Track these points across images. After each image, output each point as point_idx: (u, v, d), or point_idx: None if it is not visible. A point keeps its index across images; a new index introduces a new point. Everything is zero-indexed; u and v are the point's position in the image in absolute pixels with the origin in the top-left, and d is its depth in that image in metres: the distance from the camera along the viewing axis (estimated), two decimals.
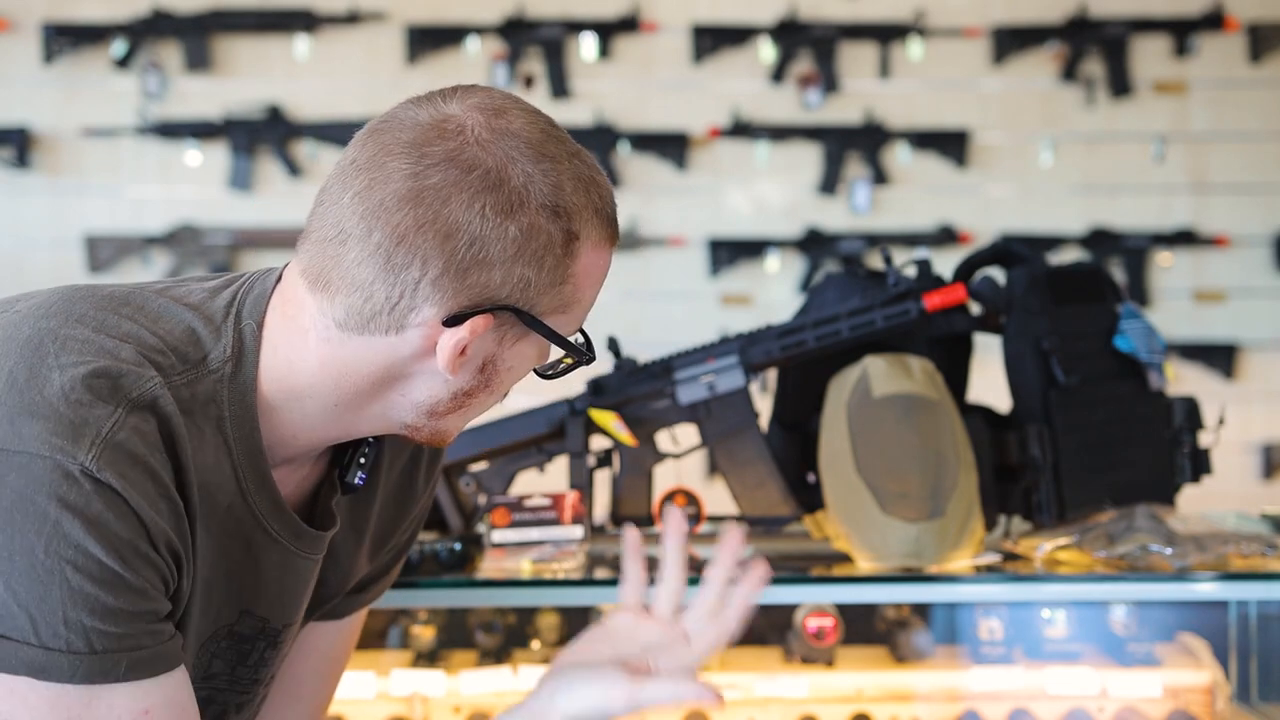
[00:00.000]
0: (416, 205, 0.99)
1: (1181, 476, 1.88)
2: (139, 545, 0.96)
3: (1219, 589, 1.70)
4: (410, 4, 4.20)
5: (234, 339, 1.06)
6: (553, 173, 1.03)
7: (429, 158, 1.00)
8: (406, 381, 1.07)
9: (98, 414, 0.95)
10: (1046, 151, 4.24)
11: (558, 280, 1.04)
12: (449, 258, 1.00)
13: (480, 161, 1.00)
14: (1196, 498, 1.92)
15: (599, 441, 1.85)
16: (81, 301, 1.05)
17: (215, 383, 1.04)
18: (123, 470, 0.95)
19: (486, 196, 1.00)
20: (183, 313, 1.06)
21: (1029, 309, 1.85)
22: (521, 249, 1.01)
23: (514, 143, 1.02)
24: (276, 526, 1.10)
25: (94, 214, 4.18)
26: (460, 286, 1.01)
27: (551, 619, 2.01)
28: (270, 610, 1.15)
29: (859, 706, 1.96)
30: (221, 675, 1.14)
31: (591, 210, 1.06)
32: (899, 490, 1.67)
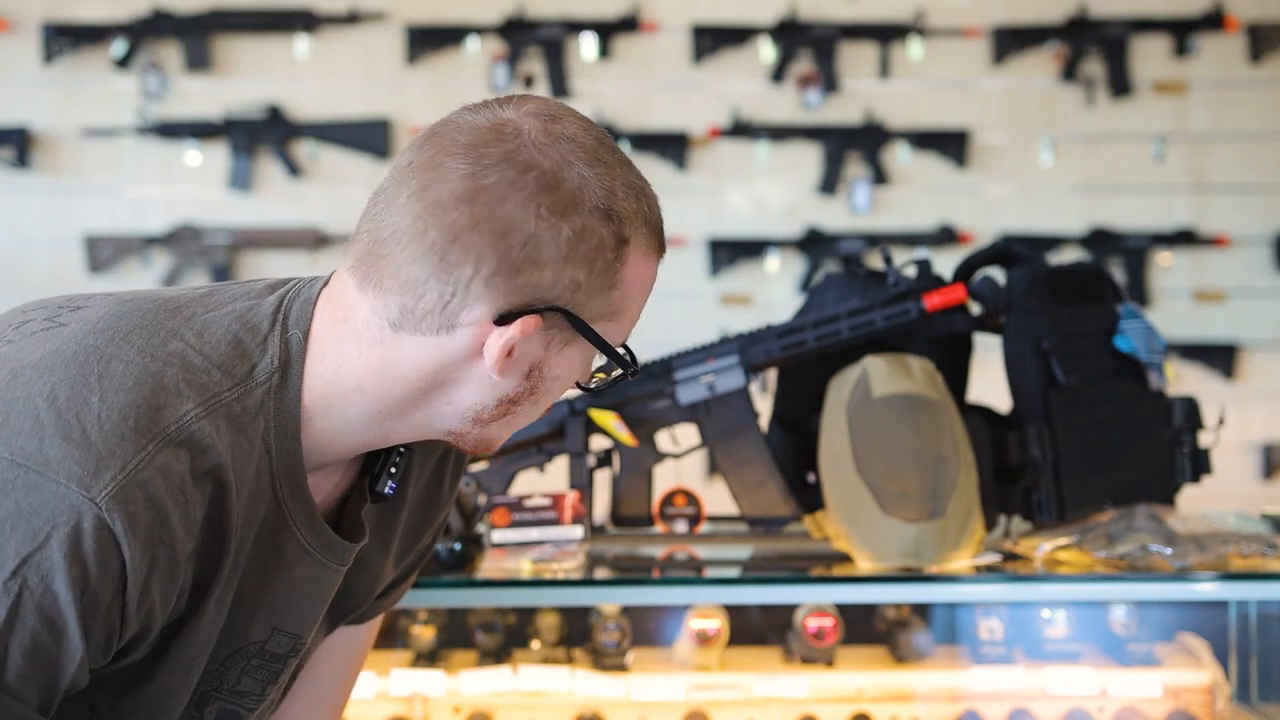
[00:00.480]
0: (473, 204, 1.00)
1: (1181, 476, 1.88)
2: (101, 598, 0.94)
3: (1219, 589, 1.70)
4: (410, 4, 4.19)
5: (280, 349, 1.05)
6: (606, 177, 1.03)
7: (486, 158, 1.00)
8: (454, 387, 1.06)
9: (126, 449, 0.95)
10: (1046, 151, 4.24)
11: (607, 285, 1.04)
12: (502, 256, 1.00)
13: (536, 163, 1.01)
14: (1196, 498, 1.92)
15: (599, 441, 1.85)
16: (129, 317, 1.04)
17: (263, 395, 1.04)
18: (133, 512, 0.93)
19: (542, 197, 1.00)
20: (230, 324, 1.06)
21: (1029, 309, 1.85)
22: (574, 250, 1.02)
23: (570, 147, 1.02)
24: (310, 539, 1.09)
25: (94, 214, 4.18)
26: (512, 285, 1.01)
27: (551, 619, 2.01)
28: (300, 625, 1.14)
29: (859, 706, 1.96)
30: (253, 694, 1.14)
31: (641, 218, 1.06)
32: (899, 490, 1.67)
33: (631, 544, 1.90)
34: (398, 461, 1.16)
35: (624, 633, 1.96)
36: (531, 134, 1.02)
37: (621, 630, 1.96)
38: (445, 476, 1.28)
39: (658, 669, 1.99)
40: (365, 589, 1.26)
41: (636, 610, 2.01)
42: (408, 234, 1.01)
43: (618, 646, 1.96)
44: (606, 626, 1.96)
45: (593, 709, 1.94)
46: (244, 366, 1.04)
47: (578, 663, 1.98)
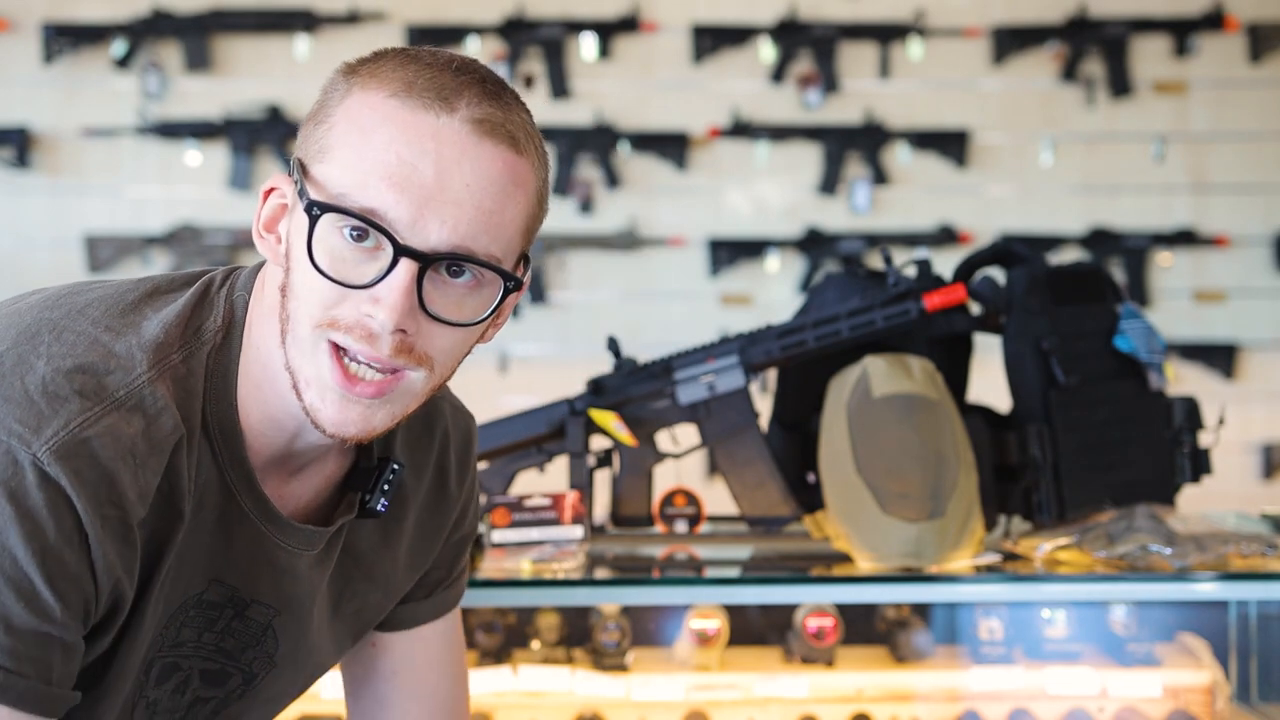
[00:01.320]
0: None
1: (1181, 476, 1.88)
2: (65, 557, 0.93)
3: (1219, 589, 1.70)
4: (410, 4, 4.19)
5: (226, 310, 1.07)
6: (393, 58, 1.03)
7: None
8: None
9: (70, 408, 0.95)
10: (1046, 151, 4.24)
11: (320, 119, 1.02)
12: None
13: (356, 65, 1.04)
14: (1196, 498, 1.92)
15: (599, 441, 1.85)
16: (87, 293, 1.05)
17: (207, 354, 1.05)
18: (78, 468, 0.93)
19: (335, 81, 1.04)
20: (188, 295, 1.07)
21: (1029, 309, 1.85)
22: (313, 107, 1.04)
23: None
24: (249, 503, 1.08)
25: (94, 214, 4.18)
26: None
27: (551, 619, 2.01)
28: (239, 580, 1.11)
29: (859, 706, 1.96)
30: (189, 642, 1.12)
31: (390, 68, 1.01)
32: (899, 490, 1.67)
33: (631, 544, 1.90)
34: (391, 479, 1.15)
35: (624, 633, 1.96)
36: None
37: (621, 630, 1.96)
38: (450, 471, 1.26)
39: (658, 669, 1.99)
40: (380, 600, 1.24)
41: (636, 610, 2.01)
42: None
43: (618, 646, 1.96)
44: (606, 626, 1.96)
45: (593, 709, 1.94)
46: (193, 327, 1.05)
47: (578, 663, 1.98)
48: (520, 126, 1.02)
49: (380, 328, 0.98)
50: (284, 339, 1.02)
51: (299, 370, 1.01)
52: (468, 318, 1.02)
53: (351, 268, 0.98)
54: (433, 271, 0.99)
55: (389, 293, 0.97)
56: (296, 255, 1.00)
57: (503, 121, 1.00)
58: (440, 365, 1.03)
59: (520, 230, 1.03)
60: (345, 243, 0.98)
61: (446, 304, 1.00)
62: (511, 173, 1.01)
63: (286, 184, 1.04)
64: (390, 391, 1.01)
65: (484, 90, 1.01)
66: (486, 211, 0.99)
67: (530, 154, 1.03)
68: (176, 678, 1.13)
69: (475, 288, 1.02)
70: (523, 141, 1.02)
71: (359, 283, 0.98)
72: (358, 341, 0.99)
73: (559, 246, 4.17)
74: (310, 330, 1.00)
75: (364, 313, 0.98)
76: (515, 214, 1.02)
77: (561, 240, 4.17)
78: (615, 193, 4.20)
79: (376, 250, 0.98)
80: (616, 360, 1.86)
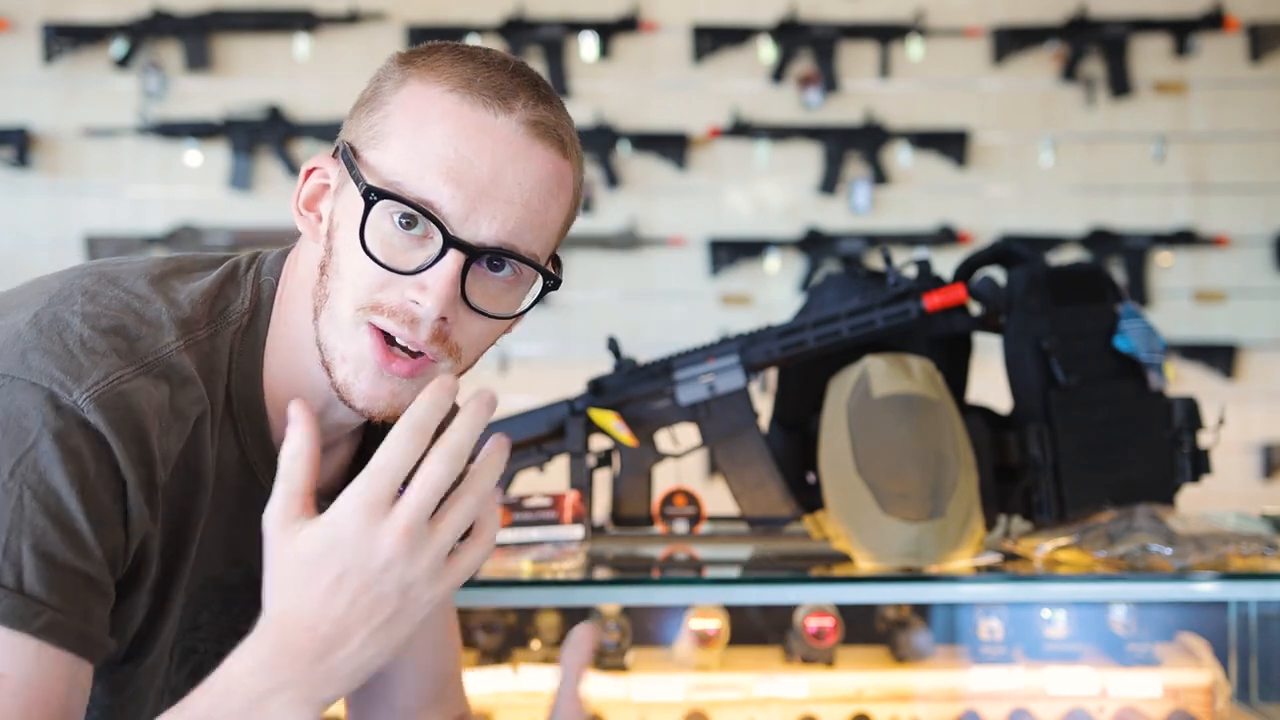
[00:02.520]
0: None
1: (1181, 476, 1.88)
2: (103, 499, 0.94)
3: (1219, 589, 1.70)
4: (410, 4, 4.19)
5: (253, 292, 1.09)
6: (450, 54, 1.05)
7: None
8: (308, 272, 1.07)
9: (109, 362, 0.97)
10: (1046, 151, 4.24)
11: (373, 108, 1.05)
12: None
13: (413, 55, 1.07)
14: (1196, 498, 1.92)
15: (599, 441, 1.85)
16: (114, 267, 1.08)
17: (232, 335, 1.06)
18: (115, 420, 0.94)
19: (391, 66, 1.06)
20: (216, 274, 1.10)
21: (1029, 309, 1.85)
22: (365, 94, 1.06)
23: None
24: (270, 481, 1.09)
25: (94, 214, 4.18)
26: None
27: (551, 619, 2.01)
28: (255, 558, 1.10)
29: (859, 706, 1.96)
30: (206, 625, 1.13)
31: (448, 63, 1.03)
32: (899, 490, 1.67)
33: (631, 544, 1.90)
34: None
35: (624, 633, 1.96)
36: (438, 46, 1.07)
37: (621, 630, 1.96)
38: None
39: (658, 669, 1.99)
40: None
41: (636, 610, 2.01)
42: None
43: (618, 646, 1.96)
44: (606, 626, 1.96)
45: (593, 709, 1.94)
46: (219, 307, 1.07)
47: None
48: (568, 130, 1.07)
49: (425, 314, 1.00)
50: (317, 315, 1.04)
51: (333, 347, 1.03)
52: (504, 310, 1.05)
53: (400, 254, 1.01)
54: (476, 264, 1.02)
55: (435, 281, 1.00)
56: (343, 236, 1.03)
57: (554, 125, 1.04)
58: (467, 356, 1.06)
59: (559, 230, 1.08)
60: (395, 229, 1.01)
61: (486, 296, 1.04)
62: (558, 174, 1.05)
63: (330, 164, 1.07)
64: (421, 374, 1.03)
65: (537, 94, 1.04)
66: (534, 211, 1.03)
67: (574, 157, 1.08)
68: (192, 661, 1.14)
69: (514, 283, 1.05)
70: (569, 145, 1.06)
71: (406, 269, 1.00)
72: (400, 325, 1.01)
73: (559, 246, 4.17)
74: (352, 312, 1.02)
75: (409, 298, 1.01)
76: (557, 214, 1.06)
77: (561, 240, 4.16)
78: (615, 193, 4.20)
79: (425, 239, 1.01)
80: (616, 360, 1.86)
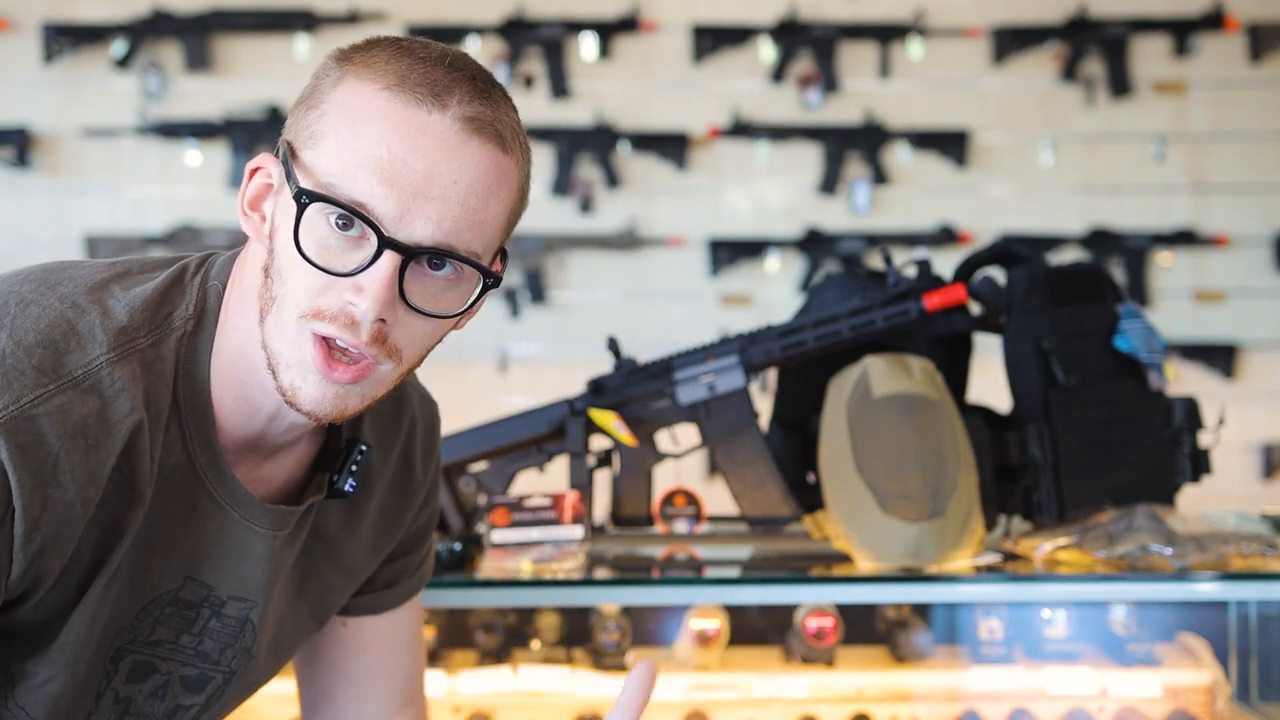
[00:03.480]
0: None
1: (1181, 476, 1.88)
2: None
3: (1219, 589, 1.70)
4: (410, 4, 4.20)
5: (198, 297, 1.08)
6: (387, 48, 1.04)
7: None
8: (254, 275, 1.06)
9: (24, 384, 0.96)
10: (1046, 151, 4.24)
11: (312, 104, 1.03)
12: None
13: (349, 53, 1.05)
14: (1196, 498, 1.92)
15: (599, 441, 1.85)
16: (61, 271, 1.06)
17: (176, 341, 1.05)
18: (22, 444, 0.94)
19: (328, 67, 1.05)
20: (160, 278, 1.08)
21: (1029, 309, 1.85)
22: (305, 91, 1.05)
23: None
24: (220, 490, 1.09)
25: (94, 214, 4.18)
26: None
27: (551, 619, 2.01)
28: (214, 578, 1.12)
29: (859, 706, 1.96)
30: (166, 642, 1.12)
31: (383, 60, 1.02)
32: (899, 490, 1.67)
33: (631, 544, 1.90)
34: (359, 459, 1.16)
35: (624, 633, 1.96)
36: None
37: (621, 630, 1.96)
38: (415, 455, 1.28)
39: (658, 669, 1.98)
40: (342, 583, 1.26)
41: (636, 610, 2.01)
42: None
43: (618, 646, 1.96)
44: (606, 626, 1.96)
45: (593, 709, 1.94)
46: (163, 313, 1.06)
47: (578, 663, 1.98)
48: (507, 125, 1.04)
49: (362, 316, 1.00)
50: (263, 319, 1.03)
51: (278, 352, 1.03)
52: (445, 310, 1.04)
53: (336, 255, 1.00)
54: (414, 264, 1.01)
55: (372, 283, 0.99)
56: (282, 240, 1.01)
57: (492, 120, 1.02)
58: (409, 356, 1.06)
59: (501, 226, 1.05)
60: (331, 230, 1.00)
61: (425, 296, 1.03)
62: (498, 171, 1.03)
63: (273, 164, 1.05)
64: (364, 378, 1.04)
65: (475, 88, 1.02)
66: (471, 209, 1.01)
67: (515, 151, 1.05)
68: (154, 680, 1.13)
69: (454, 281, 1.04)
70: (509, 139, 1.04)
71: (343, 270, 1.00)
72: (341, 329, 1.00)
73: (559, 246, 4.17)
74: (295, 319, 1.01)
75: (346, 300, 1.00)
76: (498, 211, 1.04)
77: (561, 240, 4.17)
78: (615, 193, 4.20)
79: (361, 240, 1.00)
80: (616, 360, 1.86)
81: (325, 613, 1.27)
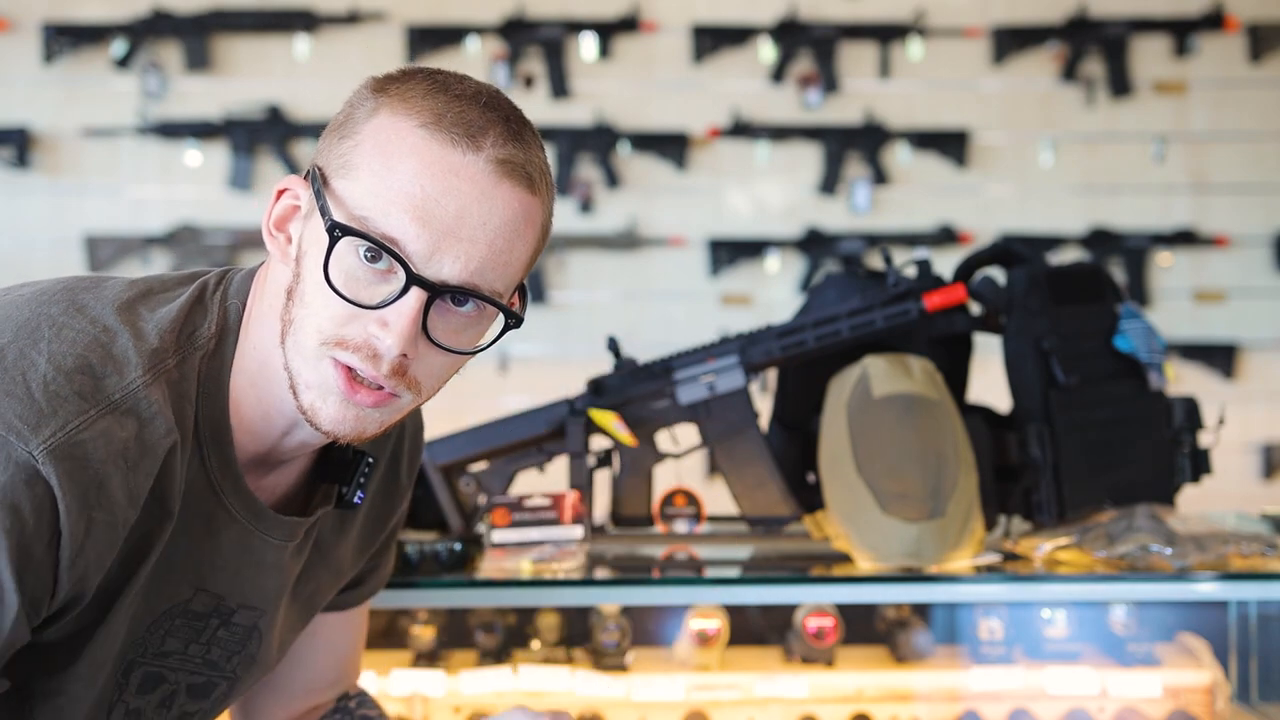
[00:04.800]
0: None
1: (1181, 476, 1.88)
2: (35, 551, 0.94)
3: (1219, 589, 1.70)
4: (410, 4, 4.19)
5: (219, 316, 1.09)
6: (425, 85, 1.05)
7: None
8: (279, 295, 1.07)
9: (69, 409, 0.96)
10: (1046, 151, 4.24)
11: (343, 135, 1.04)
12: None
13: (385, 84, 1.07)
14: (1196, 498, 1.92)
15: (599, 441, 1.85)
16: (85, 292, 1.06)
17: (199, 360, 1.06)
18: (70, 470, 0.95)
19: (364, 94, 1.07)
20: (184, 297, 1.09)
21: (1029, 309, 1.85)
22: (339, 118, 1.06)
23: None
24: (236, 504, 1.10)
25: (94, 214, 4.18)
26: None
27: (551, 619, 2.01)
28: (225, 588, 1.14)
29: (859, 706, 1.96)
30: (175, 653, 1.14)
31: (420, 95, 1.03)
32: (899, 490, 1.67)
33: (631, 544, 1.90)
34: (366, 472, 1.18)
35: (624, 633, 1.96)
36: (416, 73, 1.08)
37: (621, 630, 1.96)
38: (402, 462, 1.30)
39: (658, 669, 1.99)
40: (330, 583, 1.28)
41: (636, 610, 2.01)
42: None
43: (618, 646, 1.96)
44: (606, 626, 1.96)
45: (593, 709, 1.94)
46: (186, 332, 1.07)
47: (578, 663, 1.98)
48: (537, 166, 1.06)
49: (386, 350, 1.01)
50: (284, 339, 1.04)
51: (298, 372, 1.04)
52: (465, 345, 1.06)
53: (364, 288, 1.01)
54: (439, 300, 1.03)
55: (398, 318, 1.01)
56: (310, 265, 1.03)
57: (523, 163, 1.04)
58: (428, 388, 1.07)
59: (524, 266, 1.07)
60: (360, 262, 1.01)
61: (448, 331, 1.04)
62: (525, 213, 1.05)
63: (302, 187, 1.06)
64: (385, 405, 1.05)
65: (508, 129, 1.04)
66: (498, 251, 1.03)
67: (542, 191, 1.07)
68: (162, 690, 1.14)
69: (475, 319, 1.06)
70: (538, 181, 1.06)
71: (370, 303, 1.01)
72: (363, 361, 1.02)
73: (559, 246, 4.17)
74: (317, 345, 1.02)
75: (371, 333, 1.01)
76: (523, 252, 1.06)
77: (561, 240, 4.17)
78: (615, 193, 4.20)
79: (389, 274, 1.01)
80: (616, 360, 1.85)
81: (313, 612, 1.29)
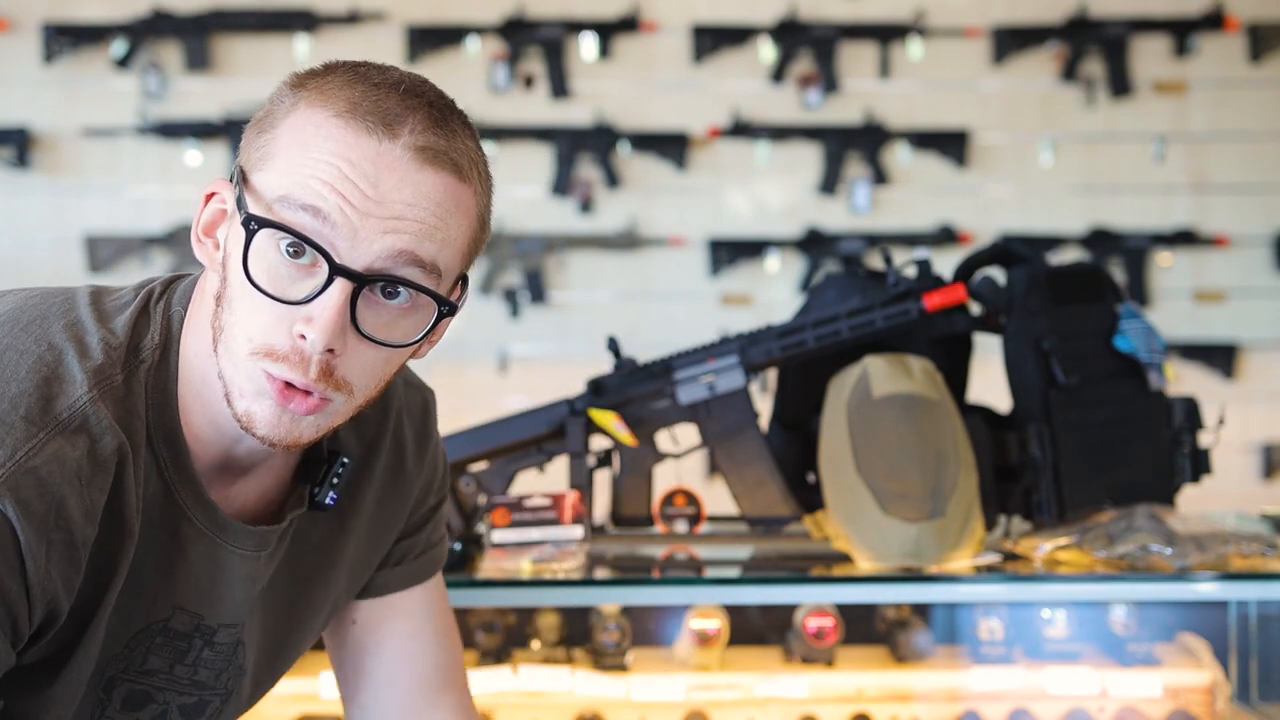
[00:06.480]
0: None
1: (1181, 476, 1.88)
2: (5, 582, 0.93)
3: (1219, 589, 1.70)
4: (410, 4, 4.19)
5: (162, 326, 1.07)
6: (347, 73, 1.03)
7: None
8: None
9: (16, 435, 0.95)
10: (1046, 151, 4.24)
11: (264, 128, 1.02)
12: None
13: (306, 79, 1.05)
14: (1196, 498, 1.92)
15: (599, 441, 1.85)
16: (33, 309, 1.05)
17: (145, 372, 1.04)
18: (25, 498, 0.93)
19: (284, 89, 1.05)
20: (130, 308, 1.07)
21: (1029, 309, 1.85)
22: (258, 115, 1.04)
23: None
24: (200, 516, 1.08)
25: (94, 214, 4.18)
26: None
27: (551, 619, 2.01)
28: (203, 607, 1.12)
29: (859, 706, 1.96)
30: (160, 672, 1.12)
31: (337, 86, 1.01)
32: (899, 490, 1.67)
33: (631, 544, 1.90)
34: (340, 473, 1.15)
35: (624, 633, 1.96)
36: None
37: (621, 630, 1.96)
38: (406, 455, 1.26)
39: (658, 669, 1.99)
40: (348, 578, 1.24)
41: (636, 610, 2.01)
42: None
43: (618, 646, 1.96)
44: (606, 626, 1.96)
45: (593, 709, 1.94)
46: (132, 344, 1.05)
47: (578, 663, 1.98)
48: (464, 154, 1.02)
49: (311, 348, 0.98)
50: (215, 347, 1.02)
51: (231, 380, 1.01)
52: (398, 339, 1.02)
53: (287, 284, 0.98)
54: (367, 291, 0.99)
55: (322, 311, 0.97)
56: (233, 268, 1.00)
57: (446, 150, 1.00)
58: (360, 388, 1.03)
59: (461, 251, 1.04)
60: (282, 258, 0.98)
61: (378, 324, 1.01)
62: (454, 198, 1.01)
63: (227, 190, 1.04)
64: (319, 411, 1.02)
65: (429, 116, 1.00)
66: (429, 226, 1.00)
67: (473, 180, 1.03)
68: (151, 709, 1.13)
69: (408, 310, 1.02)
70: (466, 169, 1.02)
71: (294, 298, 0.98)
72: (292, 370, 0.99)
73: (559, 246, 4.17)
74: (247, 354, 1.00)
75: (297, 333, 0.98)
76: (458, 233, 1.02)
77: (561, 240, 4.17)
78: (615, 193, 4.20)
79: (313, 268, 0.98)
80: (616, 360, 1.86)
81: (335, 608, 1.26)
